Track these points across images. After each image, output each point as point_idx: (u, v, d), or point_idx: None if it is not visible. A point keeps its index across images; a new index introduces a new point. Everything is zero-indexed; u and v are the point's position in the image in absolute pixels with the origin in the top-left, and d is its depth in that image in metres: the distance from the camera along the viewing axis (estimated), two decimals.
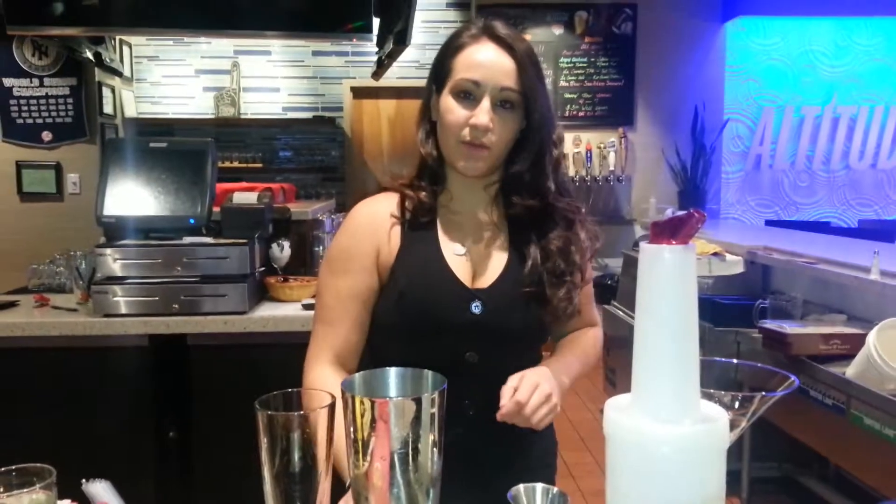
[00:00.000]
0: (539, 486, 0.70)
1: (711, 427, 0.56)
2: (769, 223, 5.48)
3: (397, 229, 1.13)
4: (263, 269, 2.40)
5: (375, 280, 1.11)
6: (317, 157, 5.70)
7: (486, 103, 1.05)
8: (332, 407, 0.73)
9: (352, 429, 0.65)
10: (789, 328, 2.70)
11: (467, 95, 1.07)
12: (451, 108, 1.07)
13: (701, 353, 0.60)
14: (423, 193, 1.13)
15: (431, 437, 0.65)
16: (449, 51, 1.11)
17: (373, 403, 0.64)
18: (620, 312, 4.01)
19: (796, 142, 5.81)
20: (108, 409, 2.10)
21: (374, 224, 1.13)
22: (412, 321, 1.07)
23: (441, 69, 1.11)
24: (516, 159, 1.10)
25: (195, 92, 5.60)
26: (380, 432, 0.63)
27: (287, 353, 1.27)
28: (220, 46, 5.53)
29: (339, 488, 0.74)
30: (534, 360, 1.14)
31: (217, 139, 3.46)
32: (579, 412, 4.26)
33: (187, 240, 2.23)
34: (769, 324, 2.78)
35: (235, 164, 5.42)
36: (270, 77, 5.67)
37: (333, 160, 5.68)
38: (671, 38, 5.55)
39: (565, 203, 1.13)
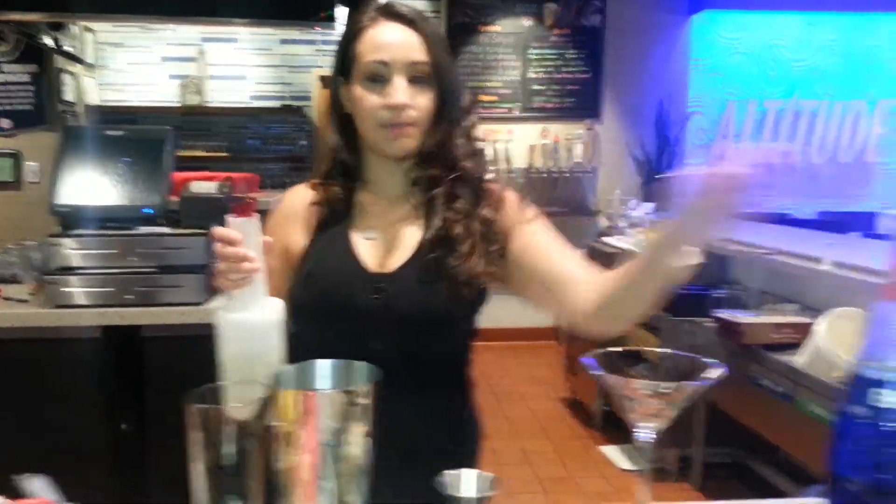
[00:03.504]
0: (464, 471, 0.71)
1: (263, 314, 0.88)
2: None
3: (314, 217, 1.13)
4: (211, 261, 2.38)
5: (282, 263, 1.10)
6: (284, 146, 5.66)
7: (398, 81, 1.04)
8: (263, 400, 0.74)
9: (279, 422, 0.66)
10: (743, 318, 2.76)
11: (378, 78, 1.05)
12: (363, 94, 1.06)
13: (657, 343, 0.62)
14: (336, 188, 1.13)
15: (362, 429, 0.66)
16: (350, 37, 1.09)
17: (302, 396, 0.65)
18: None
19: (759, 135, 5.92)
20: (60, 402, 2.08)
21: (290, 210, 1.16)
22: (318, 303, 1.06)
23: (345, 58, 1.09)
24: (432, 133, 1.08)
25: (160, 79, 5.52)
26: (308, 425, 0.64)
27: None
28: (186, 33, 5.45)
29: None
30: (453, 350, 1.12)
31: (182, 128, 3.41)
32: (539, 401, 4.31)
33: (143, 229, 2.20)
34: (723, 313, 2.84)
35: (201, 153, 5.36)
36: (237, 65, 5.61)
37: (302, 150, 5.65)
38: (638, 30, 5.59)
39: (473, 169, 1.11)
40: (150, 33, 5.43)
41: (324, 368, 0.73)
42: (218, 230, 0.89)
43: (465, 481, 0.70)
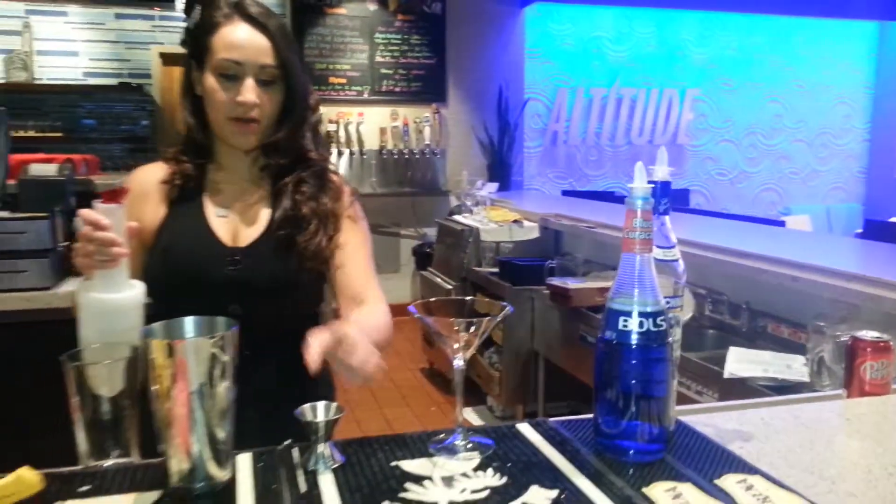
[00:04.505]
0: (320, 403, 0.86)
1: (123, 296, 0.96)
2: (565, 193, 6.03)
3: (165, 196, 1.22)
4: (67, 243, 2.35)
5: (136, 241, 1.13)
6: (124, 126, 5.42)
7: (249, 82, 1.14)
8: (131, 359, 0.84)
9: (154, 372, 0.76)
10: (571, 284, 3.08)
11: (230, 76, 1.14)
12: (216, 88, 1.15)
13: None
14: (188, 165, 1.22)
15: (226, 372, 0.78)
16: (204, 28, 1.16)
17: (170, 345, 0.76)
18: (437, 279, 4.30)
19: (587, 120, 6.42)
20: None
21: (141, 189, 1.22)
22: (175, 278, 1.15)
23: (198, 46, 1.16)
24: (279, 127, 1.20)
25: None
26: (179, 369, 0.76)
27: None
28: (8, 5, 5.06)
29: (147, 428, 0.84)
30: (303, 316, 1.20)
31: (8, 106, 3.17)
32: (400, 372, 4.51)
33: None
34: (555, 281, 3.16)
35: (31, 133, 5.02)
36: (68, 40, 5.29)
37: (143, 130, 5.43)
38: (477, 20, 5.86)
39: (319, 159, 1.26)
40: None
41: (188, 324, 0.84)
42: (87, 213, 0.96)
43: (317, 410, 0.85)
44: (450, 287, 4.08)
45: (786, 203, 7.03)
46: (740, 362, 2.04)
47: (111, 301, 0.94)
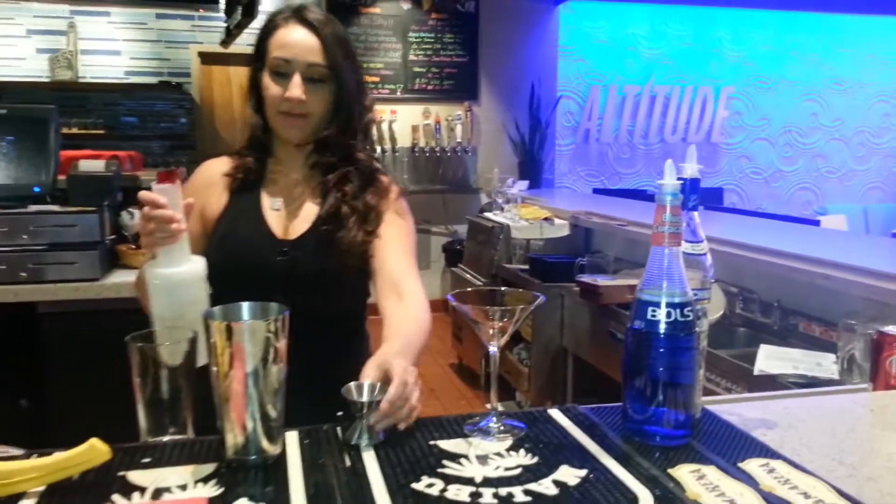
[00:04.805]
0: (365, 381, 0.92)
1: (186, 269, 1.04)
2: (596, 191, 6.03)
3: (228, 187, 1.31)
4: (115, 237, 2.44)
5: (199, 227, 1.27)
6: (164, 123, 5.57)
7: (296, 78, 1.22)
8: (192, 340, 0.90)
9: (214, 351, 0.82)
10: (601, 281, 3.10)
11: (281, 73, 1.22)
12: (268, 84, 1.24)
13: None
14: (250, 159, 1.31)
15: (279, 353, 0.84)
16: (265, 33, 1.26)
17: (230, 326, 0.82)
18: (468, 275, 4.34)
19: (619, 118, 6.40)
20: None
21: (206, 180, 1.32)
22: (229, 264, 1.21)
23: (260, 49, 1.26)
24: (329, 126, 1.28)
25: (27, 53, 5.28)
26: (236, 348, 0.82)
27: (143, 318, 1.33)
28: (53, 6, 5.22)
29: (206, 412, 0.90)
30: (347, 309, 1.30)
31: (53, 104, 3.30)
32: (430, 367, 4.57)
33: (33, 208, 2.23)
34: (585, 278, 3.18)
35: (75, 130, 5.19)
36: (111, 39, 5.45)
37: (182, 127, 5.58)
38: (510, 18, 5.89)
39: (366, 160, 1.31)
40: (14, 4, 5.17)
41: (244, 309, 0.90)
42: (145, 194, 1.03)
43: (362, 388, 0.91)
44: (480, 283, 4.12)
45: (822, 202, 6.93)
46: (770, 359, 2.05)
47: (174, 275, 1.03)
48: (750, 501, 0.74)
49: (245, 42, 5.08)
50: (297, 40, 1.23)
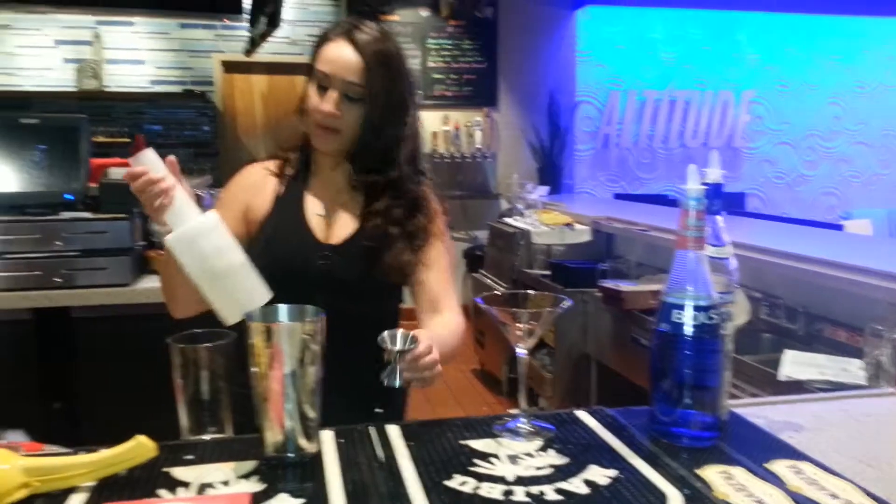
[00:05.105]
0: (398, 331, 0.97)
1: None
2: (617, 196, 6.01)
3: (272, 189, 1.35)
4: (145, 243, 2.50)
5: (242, 228, 1.31)
6: (187, 132, 5.64)
7: (333, 94, 1.25)
8: (233, 342, 0.93)
9: (253, 351, 0.85)
10: (624, 286, 3.10)
11: (322, 85, 1.27)
12: (311, 94, 1.28)
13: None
14: (293, 156, 1.36)
15: (316, 354, 0.86)
16: (318, 43, 1.30)
17: (268, 328, 0.85)
18: (488, 280, 4.36)
19: (639, 122, 6.38)
20: None
21: (251, 181, 1.37)
22: (274, 265, 1.24)
23: (312, 59, 1.31)
24: (366, 142, 1.30)
25: (54, 63, 5.38)
26: (275, 349, 0.85)
27: (172, 322, 1.31)
28: (79, 17, 5.33)
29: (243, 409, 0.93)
30: (382, 313, 1.32)
31: (80, 113, 3.38)
32: (452, 372, 4.59)
33: (66, 215, 2.29)
34: (608, 283, 3.18)
35: (101, 138, 5.27)
36: (135, 49, 5.54)
37: (205, 135, 5.64)
38: (528, 23, 5.90)
39: (413, 179, 1.34)
40: (41, 16, 5.27)
41: (283, 311, 0.92)
42: (125, 173, 1.08)
43: (396, 337, 0.97)
44: (502, 289, 4.13)
45: (846, 207, 6.84)
46: (796, 365, 2.04)
47: (185, 232, 1.07)
48: (778, 502, 0.75)
49: (266, 51, 5.16)
50: (339, 57, 1.26)
